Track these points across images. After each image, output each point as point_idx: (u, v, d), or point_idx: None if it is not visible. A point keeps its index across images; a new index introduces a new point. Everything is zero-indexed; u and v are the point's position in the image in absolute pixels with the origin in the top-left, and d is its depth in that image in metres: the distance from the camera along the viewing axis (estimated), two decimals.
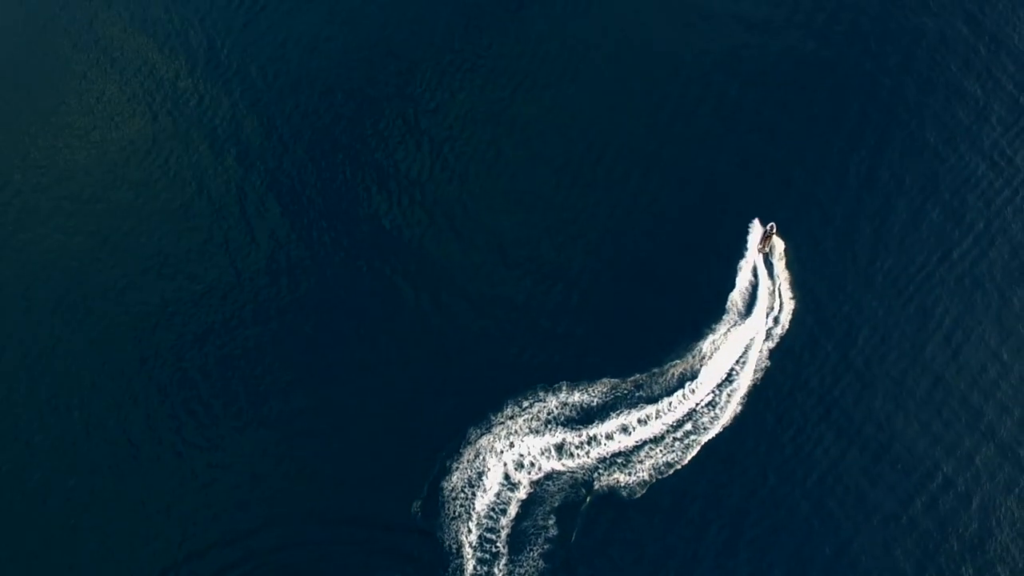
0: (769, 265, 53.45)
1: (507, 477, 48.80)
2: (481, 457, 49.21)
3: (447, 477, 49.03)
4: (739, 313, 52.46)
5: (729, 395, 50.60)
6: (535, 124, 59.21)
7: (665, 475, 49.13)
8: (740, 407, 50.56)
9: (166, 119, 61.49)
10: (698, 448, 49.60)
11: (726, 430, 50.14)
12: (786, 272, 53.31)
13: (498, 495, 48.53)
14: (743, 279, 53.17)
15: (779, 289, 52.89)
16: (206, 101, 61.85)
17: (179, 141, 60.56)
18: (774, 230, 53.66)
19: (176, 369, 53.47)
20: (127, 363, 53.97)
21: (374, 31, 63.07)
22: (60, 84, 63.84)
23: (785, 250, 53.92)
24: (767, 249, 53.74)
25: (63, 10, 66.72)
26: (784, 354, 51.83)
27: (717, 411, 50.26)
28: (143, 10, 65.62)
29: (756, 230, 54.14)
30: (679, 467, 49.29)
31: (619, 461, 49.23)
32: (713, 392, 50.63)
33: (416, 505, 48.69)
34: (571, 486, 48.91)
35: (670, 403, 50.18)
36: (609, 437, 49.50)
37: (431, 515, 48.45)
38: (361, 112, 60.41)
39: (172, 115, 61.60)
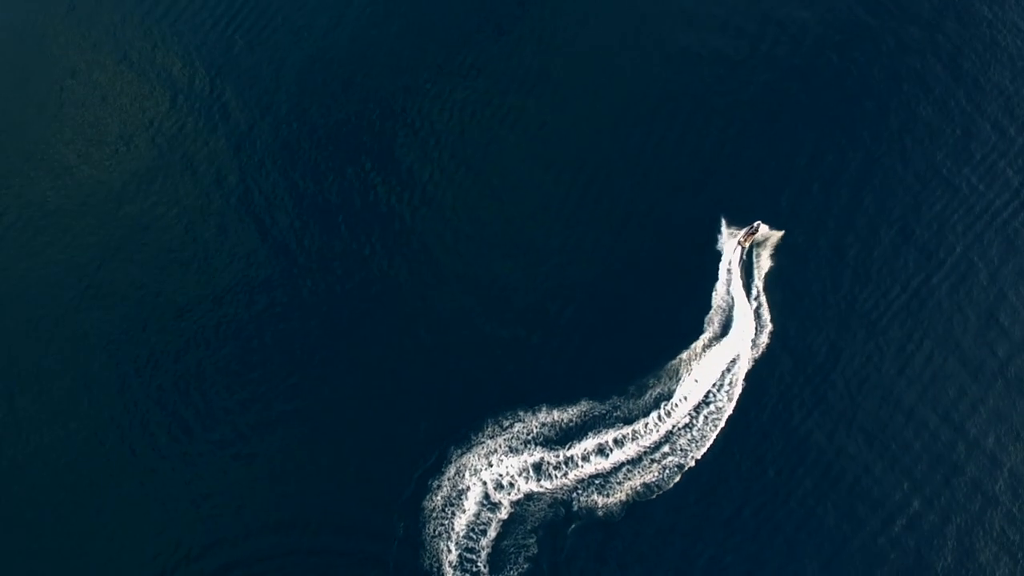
0: (748, 286, 54.19)
1: (487, 497, 48.88)
2: (461, 476, 49.40)
3: (428, 496, 49.36)
4: (715, 334, 53.06)
5: (708, 417, 50.93)
6: (518, 158, 60.40)
7: (647, 498, 49.43)
8: (720, 429, 50.92)
9: (155, 151, 62.61)
10: (679, 470, 49.92)
11: (707, 452, 50.48)
12: (765, 295, 54.03)
13: (478, 515, 48.61)
14: (719, 298, 53.93)
15: (757, 311, 53.50)
16: (193, 133, 63.04)
17: (170, 172, 61.68)
18: (759, 226, 54.60)
19: (169, 383, 54.46)
20: (121, 378, 54.92)
21: (362, 68, 64.62)
22: (49, 115, 65.10)
23: (775, 254, 55.16)
24: (747, 244, 54.68)
25: (54, 39, 68.32)
26: (763, 377, 52.37)
27: (695, 433, 50.52)
28: (138, 45, 67.19)
29: (724, 229, 55.24)
30: (661, 491, 49.62)
31: (598, 483, 49.41)
32: (691, 414, 50.97)
33: (397, 523, 48.95)
34: (551, 507, 49.05)
35: (646, 424, 50.56)
36: (586, 458, 49.73)
37: (412, 533, 48.71)
38: (345, 147, 61.67)
39: (160, 147, 62.69)
